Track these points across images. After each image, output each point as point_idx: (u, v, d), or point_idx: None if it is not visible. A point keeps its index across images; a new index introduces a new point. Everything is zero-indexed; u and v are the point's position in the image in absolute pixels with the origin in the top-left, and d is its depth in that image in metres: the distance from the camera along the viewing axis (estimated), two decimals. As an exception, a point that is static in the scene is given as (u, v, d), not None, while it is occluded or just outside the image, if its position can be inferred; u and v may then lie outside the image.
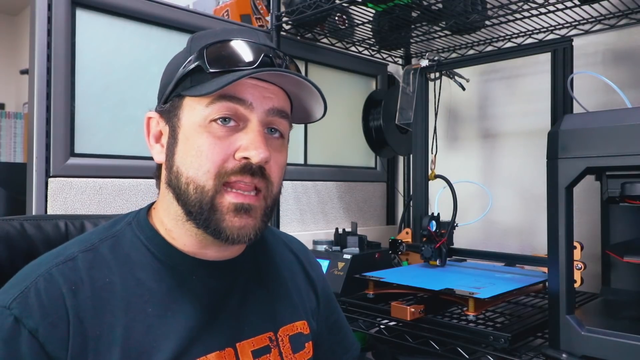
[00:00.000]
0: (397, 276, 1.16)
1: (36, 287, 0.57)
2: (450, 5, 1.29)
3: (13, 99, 3.64)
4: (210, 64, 0.62)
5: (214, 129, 0.61)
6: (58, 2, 1.07)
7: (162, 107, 0.66)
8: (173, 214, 0.65)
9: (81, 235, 0.67)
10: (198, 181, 0.61)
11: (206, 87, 0.61)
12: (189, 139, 0.62)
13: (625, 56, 1.33)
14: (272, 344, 0.70)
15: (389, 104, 1.65)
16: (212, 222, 0.62)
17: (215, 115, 0.61)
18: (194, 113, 0.62)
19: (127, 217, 0.69)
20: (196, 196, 0.62)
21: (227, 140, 0.62)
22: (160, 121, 0.67)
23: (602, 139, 0.77)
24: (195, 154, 0.61)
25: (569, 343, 0.79)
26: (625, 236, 1.03)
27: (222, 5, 1.60)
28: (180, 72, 0.64)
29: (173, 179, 0.64)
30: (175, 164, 0.64)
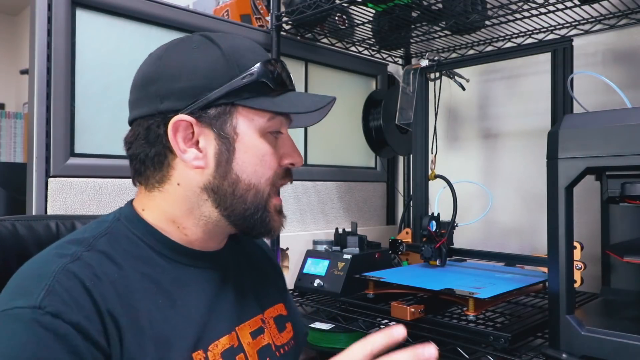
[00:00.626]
0: (397, 276, 1.16)
1: (60, 283, 0.56)
2: (450, 5, 1.29)
3: (13, 99, 3.64)
4: (273, 82, 0.68)
5: (270, 140, 0.69)
6: (58, 2, 1.07)
7: (205, 113, 0.65)
8: (199, 215, 0.68)
9: (69, 236, 0.66)
10: (259, 187, 0.68)
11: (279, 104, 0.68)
12: (251, 148, 0.67)
13: (625, 56, 1.33)
14: (264, 324, 0.77)
15: (389, 104, 1.65)
16: (265, 222, 0.70)
17: (274, 129, 0.69)
18: (253, 124, 0.67)
19: (111, 215, 0.69)
20: (253, 200, 0.68)
21: (277, 148, 0.70)
22: (197, 126, 0.65)
23: (602, 139, 0.77)
24: (260, 163, 0.68)
25: (569, 343, 0.79)
26: (625, 236, 1.03)
27: (222, 5, 1.60)
28: (238, 83, 0.65)
29: (226, 185, 0.67)
30: (233, 172, 0.67)
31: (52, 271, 0.57)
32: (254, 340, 0.73)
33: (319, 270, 1.35)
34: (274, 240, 1.41)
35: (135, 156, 0.68)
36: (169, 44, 0.70)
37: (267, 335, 0.76)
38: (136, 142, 0.68)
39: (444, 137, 1.68)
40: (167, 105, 0.65)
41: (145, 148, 0.67)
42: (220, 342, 0.67)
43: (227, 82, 0.65)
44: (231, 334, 0.69)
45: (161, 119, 0.65)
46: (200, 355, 0.64)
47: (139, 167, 0.69)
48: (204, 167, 0.66)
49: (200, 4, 1.71)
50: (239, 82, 0.65)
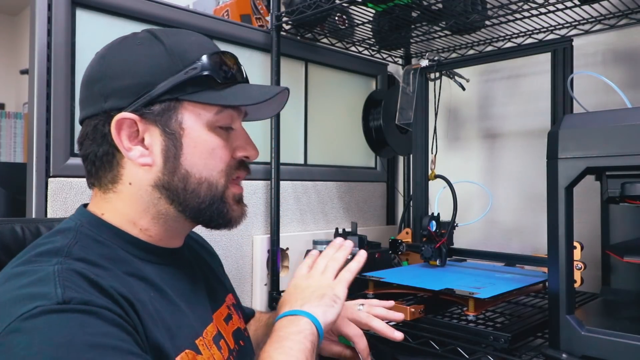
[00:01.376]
0: (397, 276, 1.16)
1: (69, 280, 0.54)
2: (450, 5, 1.29)
3: (13, 99, 3.64)
4: (219, 75, 0.67)
5: (220, 133, 0.69)
6: (58, 2, 1.07)
7: (149, 110, 0.65)
8: (155, 213, 0.68)
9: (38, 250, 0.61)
10: (211, 180, 0.68)
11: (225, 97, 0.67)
12: (200, 144, 0.67)
13: (625, 56, 1.33)
14: (230, 310, 0.81)
15: (389, 104, 1.65)
16: (222, 213, 0.70)
17: (223, 123, 0.69)
18: (200, 118, 0.67)
19: (71, 223, 0.66)
20: (207, 194, 0.68)
21: (229, 141, 0.70)
22: (142, 123, 0.65)
23: (602, 139, 0.77)
24: (209, 156, 0.67)
25: (569, 343, 0.79)
26: (625, 236, 1.03)
27: (222, 5, 1.60)
28: (181, 77, 0.65)
29: (177, 181, 0.66)
30: (182, 167, 0.66)
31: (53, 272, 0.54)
32: (227, 326, 0.77)
33: (319, 270, 1.35)
34: (274, 240, 1.41)
35: (86, 156, 0.68)
36: (113, 42, 0.70)
37: (236, 320, 0.81)
38: (85, 142, 0.68)
39: (444, 137, 1.68)
40: (110, 104, 0.65)
41: (93, 148, 0.67)
42: (208, 330, 0.70)
43: (170, 77, 0.65)
44: (213, 322, 0.73)
45: (105, 118, 0.65)
46: (202, 341, 0.66)
47: (90, 168, 0.69)
48: (152, 165, 0.66)
49: (200, 4, 1.71)
50: (182, 76, 0.65)
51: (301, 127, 1.60)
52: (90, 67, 0.69)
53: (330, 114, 1.69)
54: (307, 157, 1.61)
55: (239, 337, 0.79)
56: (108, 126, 0.65)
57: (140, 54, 0.66)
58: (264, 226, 1.46)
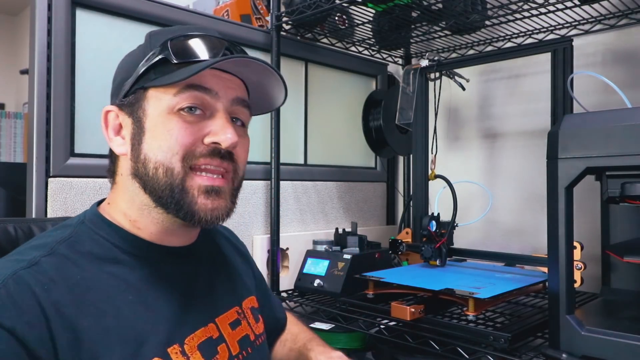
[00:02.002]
0: (397, 276, 1.16)
1: (6, 288, 0.55)
2: (450, 5, 1.29)
3: (13, 99, 3.64)
4: (176, 55, 0.65)
5: (182, 116, 0.65)
6: (58, 2, 1.07)
7: (123, 101, 0.68)
8: (139, 204, 0.68)
9: (33, 241, 0.65)
10: (167, 164, 0.64)
11: (173, 77, 0.64)
12: (157, 126, 0.65)
13: (625, 56, 1.33)
14: (240, 316, 0.78)
15: (389, 104, 1.65)
16: (184, 205, 0.65)
17: (184, 104, 0.65)
18: (161, 103, 0.66)
19: (76, 219, 0.69)
20: (166, 180, 0.64)
21: (197, 125, 0.65)
22: (120, 114, 0.69)
23: (602, 139, 0.77)
24: (164, 138, 0.64)
25: (569, 343, 0.79)
26: (625, 236, 1.03)
27: (222, 5, 1.60)
28: (143, 65, 0.66)
29: (140, 167, 0.66)
30: (143, 152, 0.66)
31: (3, 276, 0.56)
32: (233, 331, 0.75)
33: (319, 270, 1.35)
34: (274, 240, 1.41)
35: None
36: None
37: (245, 326, 0.78)
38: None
39: (444, 137, 1.68)
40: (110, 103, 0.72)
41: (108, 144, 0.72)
42: (195, 334, 0.68)
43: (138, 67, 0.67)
44: (208, 326, 0.70)
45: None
46: (176, 349, 0.64)
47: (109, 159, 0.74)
48: (125, 153, 0.68)
49: (200, 4, 1.71)
50: (145, 63, 0.66)
51: (301, 127, 1.60)
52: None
53: (330, 114, 1.69)
54: (307, 157, 1.61)
55: (246, 345, 0.76)
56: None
57: (132, 54, 0.71)
58: (264, 226, 1.46)
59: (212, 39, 0.68)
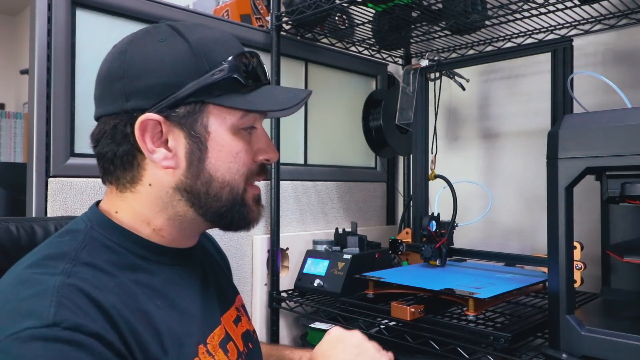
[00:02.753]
0: (397, 276, 1.16)
1: (67, 298, 0.53)
2: (450, 5, 1.29)
3: (13, 99, 3.64)
4: (246, 78, 0.66)
5: (243, 136, 0.67)
6: (58, 2, 1.07)
7: (173, 112, 0.63)
8: (172, 214, 0.66)
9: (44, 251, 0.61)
10: (234, 184, 0.67)
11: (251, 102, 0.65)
12: (224, 147, 0.66)
13: (625, 56, 1.33)
14: (239, 312, 0.80)
15: (389, 104, 1.65)
16: (242, 215, 0.69)
17: (247, 125, 0.67)
18: (225, 122, 0.65)
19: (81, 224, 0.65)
20: (228, 197, 0.67)
21: (251, 144, 0.69)
22: (166, 125, 0.63)
23: (602, 139, 0.77)
24: (233, 161, 0.66)
25: (569, 343, 0.79)
26: (625, 236, 1.03)
27: (222, 5, 1.60)
28: (208, 80, 0.63)
29: (200, 185, 0.65)
30: (207, 171, 0.65)
31: (53, 286, 0.53)
32: (236, 328, 0.76)
33: (319, 270, 1.35)
34: (274, 240, 1.41)
35: (103, 155, 0.66)
36: (133, 36, 0.66)
37: (245, 322, 0.80)
38: (103, 140, 0.65)
39: (444, 137, 1.68)
40: (133, 104, 0.62)
41: (112, 147, 0.65)
42: (215, 333, 0.69)
43: (196, 78, 0.62)
44: (221, 325, 0.72)
45: (127, 118, 0.63)
46: (203, 349, 0.65)
47: (107, 167, 0.66)
48: (175, 167, 0.64)
49: (200, 4, 1.71)
50: (209, 78, 0.63)
51: (301, 127, 1.60)
52: (108, 63, 0.66)
53: (330, 114, 1.69)
54: (307, 157, 1.61)
55: (248, 340, 0.78)
56: (130, 127, 0.63)
57: (164, 52, 0.63)
58: (264, 226, 1.46)
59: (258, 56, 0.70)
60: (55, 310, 0.51)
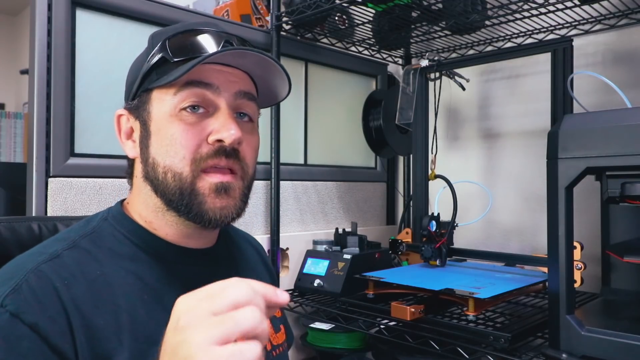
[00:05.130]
0: (397, 276, 1.16)
1: (28, 282, 0.56)
2: (450, 5, 1.29)
3: (13, 99, 3.64)
4: (174, 53, 0.64)
5: (184, 116, 0.63)
6: (58, 2, 1.07)
7: (131, 104, 0.68)
8: (152, 206, 0.68)
9: (57, 235, 0.67)
10: (175, 168, 0.63)
11: (171, 75, 0.63)
12: (161, 130, 0.64)
13: (625, 56, 1.33)
14: None
15: (389, 104, 1.65)
16: (194, 207, 0.63)
17: (185, 104, 0.63)
18: (163, 104, 0.65)
19: (99, 215, 0.70)
20: (175, 184, 0.64)
21: (199, 125, 0.64)
22: (130, 118, 0.69)
23: (602, 139, 0.77)
24: (169, 143, 0.63)
25: (569, 343, 0.79)
26: (625, 236, 1.03)
27: (222, 5, 1.60)
28: (145, 67, 0.66)
29: (150, 171, 0.66)
30: (151, 156, 0.66)
31: (25, 270, 0.57)
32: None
33: (319, 270, 1.35)
34: (274, 240, 1.41)
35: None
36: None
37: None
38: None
39: (444, 137, 1.68)
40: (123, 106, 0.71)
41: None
42: None
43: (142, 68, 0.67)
44: None
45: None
46: None
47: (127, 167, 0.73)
48: (136, 156, 0.69)
49: (200, 4, 1.71)
50: (147, 65, 0.66)
51: (301, 127, 1.60)
52: None
53: (330, 114, 1.69)
54: (307, 157, 1.61)
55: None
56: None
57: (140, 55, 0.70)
58: (264, 226, 1.46)
59: (211, 32, 0.66)
60: (8, 292, 0.54)
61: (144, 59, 0.67)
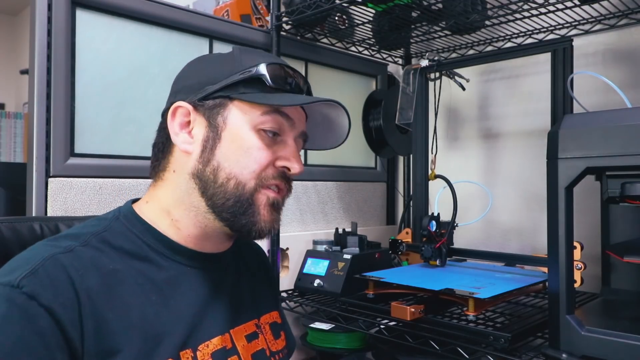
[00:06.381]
0: (397, 276, 1.16)
1: (44, 267, 0.57)
2: (450, 5, 1.29)
3: (13, 99, 3.64)
4: (273, 80, 0.69)
5: (262, 136, 0.69)
6: (58, 2, 1.07)
7: (201, 103, 0.69)
8: (188, 204, 0.69)
9: (68, 231, 0.68)
10: (241, 178, 0.67)
11: (270, 99, 0.68)
12: (237, 140, 0.68)
13: (625, 56, 1.33)
14: (258, 329, 0.79)
15: (389, 104, 1.65)
16: (247, 215, 0.68)
17: (267, 126, 0.69)
18: (245, 117, 0.68)
19: (110, 214, 0.71)
20: (234, 191, 0.67)
21: (272, 148, 0.70)
22: (194, 113, 0.70)
23: (602, 139, 0.77)
24: (244, 154, 0.68)
25: (569, 343, 0.79)
26: (625, 236, 1.03)
27: (222, 5, 1.60)
28: (235, 78, 0.68)
29: (208, 172, 0.68)
30: (215, 159, 0.68)
31: (41, 257, 0.58)
32: (248, 344, 0.75)
33: (319, 270, 1.35)
34: (274, 240, 1.41)
35: (155, 145, 0.74)
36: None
37: (262, 341, 0.78)
38: (157, 133, 0.75)
39: (444, 137, 1.68)
40: (177, 98, 0.71)
41: (158, 138, 0.74)
42: (211, 342, 0.68)
43: (228, 77, 0.69)
44: (224, 336, 0.71)
45: (169, 109, 0.71)
46: (188, 354, 0.65)
47: (153, 157, 0.74)
48: (191, 152, 0.69)
49: (200, 4, 1.71)
50: (237, 76, 0.68)
51: (301, 127, 1.60)
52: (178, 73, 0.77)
53: (330, 114, 1.69)
54: (307, 157, 1.61)
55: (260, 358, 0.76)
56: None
57: (213, 59, 0.74)
58: (264, 226, 1.46)
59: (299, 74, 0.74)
60: (25, 275, 0.56)
61: (227, 67, 0.70)
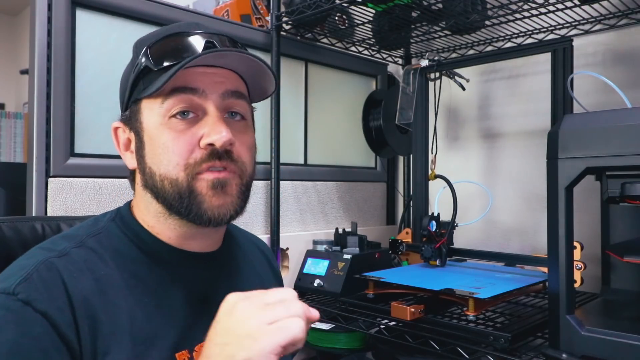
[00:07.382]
0: (397, 276, 1.16)
1: (38, 272, 0.57)
2: (450, 5, 1.29)
3: (13, 99, 3.64)
4: (156, 61, 0.64)
5: (174, 124, 0.64)
6: (58, 2, 1.07)
7: (124, 115, 0.69)
8: (154, 212, 0.68)
9: (65, 232, 0.68)
10: (170, 176, 0.64)
11: (155, 84, 0.62)
12: (153, 139, 0.65)
13: (625, 56, 1.33)
14: None
15: (389, 104, 1.65)
16: (193, 207, 0.64)
17: (173, 111, 0.63)
18: (152, 113, 0.65)
19: (107, 215, 0.71)
20: (172, 189, 0.64)
21: (189, 131, 0.64)
22: (125, 129, 0.69)
23: (602, 139, 0.77)
24: (162, 152, 0.64)
25: (569, 343, 0.79)
26: (625, 236, 1.03)
27: (222, 5, 1.60)
28: (132, 77, 0.66)
29: (148, 179, 0.67)
30: (147, 165, 0.66)
31: (36, 262, 0.58)
32: None
33: (319, 270, 1.35)
34: (274, 240, 1.41)
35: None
36: None
37: None
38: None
39: (444, 137, 1.68)
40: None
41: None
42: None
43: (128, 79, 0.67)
44: None
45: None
46: (184, 355, 0.64)
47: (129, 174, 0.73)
48: (135, 167, 0.69)
49: (200, 4, 1.71)
50: (133, 76, 0.66)
51: (301, 127, 1.60)
52: None
53: (330, 114, 1.69)
54: (307, 157, 1.61)
55: None
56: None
57: (127, 66, 0.70)
58: (264, 226, 1.46)
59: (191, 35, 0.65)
60: (19, 281, 0.56)
61: (131, 69, 0.67)
